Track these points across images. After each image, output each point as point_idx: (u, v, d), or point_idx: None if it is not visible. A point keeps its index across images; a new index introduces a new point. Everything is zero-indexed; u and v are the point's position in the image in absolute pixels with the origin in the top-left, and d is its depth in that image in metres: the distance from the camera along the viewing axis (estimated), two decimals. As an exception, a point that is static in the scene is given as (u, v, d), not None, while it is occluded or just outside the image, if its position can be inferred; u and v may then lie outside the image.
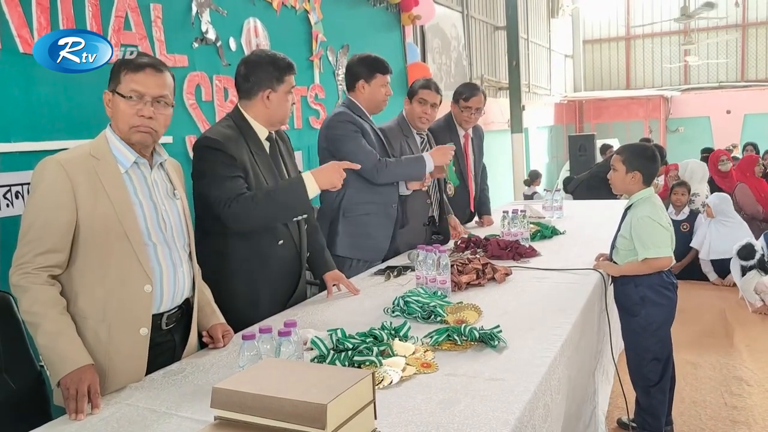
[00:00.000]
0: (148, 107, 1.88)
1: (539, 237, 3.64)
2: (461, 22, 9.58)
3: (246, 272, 2.45)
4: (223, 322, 2.21)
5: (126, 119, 1.88)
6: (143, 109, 1.87)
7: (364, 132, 3.12)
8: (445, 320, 2.21)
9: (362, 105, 3.20)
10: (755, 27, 17.35)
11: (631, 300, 2.92)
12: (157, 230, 1.95)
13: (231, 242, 2.43)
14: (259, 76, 2.42)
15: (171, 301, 2.00)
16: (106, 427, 1.58)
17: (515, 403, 1.57)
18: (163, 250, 1.97)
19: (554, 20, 16.16)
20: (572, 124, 17.77)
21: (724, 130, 16.24)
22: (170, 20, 3.34)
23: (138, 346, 1.90)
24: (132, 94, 1.87)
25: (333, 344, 1.94)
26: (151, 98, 1.89)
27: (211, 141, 2.35)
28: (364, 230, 3.17)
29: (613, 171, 2.99)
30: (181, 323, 2.08)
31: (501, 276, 2.77)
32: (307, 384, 1.18)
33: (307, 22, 4.62)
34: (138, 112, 1.87)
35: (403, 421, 1.50)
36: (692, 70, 18.10)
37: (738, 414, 3.58)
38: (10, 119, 2.59)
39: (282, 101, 2.45)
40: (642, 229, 2.82)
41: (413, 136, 3.59)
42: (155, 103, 1.90)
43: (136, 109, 1.87)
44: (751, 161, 7.56)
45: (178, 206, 2.06)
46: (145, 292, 1.90)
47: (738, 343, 4.74)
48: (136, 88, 1.87)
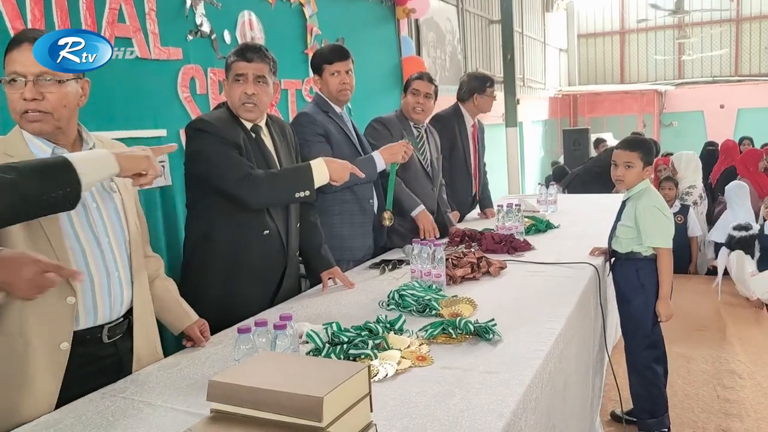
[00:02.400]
0: (30, 88, 1.63)
1: (534, 231, 3.65)
2: (456, 16, 9.56)
3: (228, 257, 2.47)
4: (196, 319, 2.11)
5: (12, 107, 1.67)
6: (25, 92, 1.64)
7: (328, 133, 3.05)
8: (440, 314, 2.22)
9: (327, 97, 3.16)
10: (749, 21, 17.38)
11: (631, 285, 3.00)
12: (86, 231, 1.73)
13: (218, 225, 2.47)
14: (225, 66, 2.53)
15: (109, 311, 1.78)
16: (101, 420, 1.57)
17: (510, 396, 1.58)
18: (94, 255, 1.74)
19: (549, 14, 16.15)
20: (567, 118, 17.77)
21: (718, 125, 16.27)
22: (164, 13, 3.31)
23: (57, 361, 1.68)
24: (12, 77, 1.64)
25: (328, 337, 1.94)
26: (33, 77, 1.63)
27: (206, 124, 2.42)
28: (339, 232, 3.08)
29: (628, 168, 2.97)
30: (130, 334, 1.88)
31: (496, 270, 2.78)
32: (303, 377, 1.18)
33: (301, 15, 4.59)
34: (21, 96, 1.64)
35: (398, 414, 1.50)
36: (686, 65, 18.13)
37: (730, 407, 3.60)
38: (4, 115, 2.57)
39: (231, 88, 2.49)
40: (649, 218, 2.90)
41: (411, 128, 3.60)
42: (40, 82, 1.65)
43: (18, 93, 1.64)
44: (755, 156, 7.50)
45: (115, 200, 1.84)
46: (68, 304, 1.68)
47: (731, 336, 4.77)
48: (14, 69, 1.64)
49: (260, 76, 2.46)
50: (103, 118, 2.79)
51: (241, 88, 2.45)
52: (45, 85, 1.65)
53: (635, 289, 2.99)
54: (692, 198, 6.97)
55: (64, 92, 1.69)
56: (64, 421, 1.58)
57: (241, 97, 2.45)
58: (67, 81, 1.70)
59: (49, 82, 1.66)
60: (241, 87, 2.45)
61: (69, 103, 1.71)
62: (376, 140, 3.40)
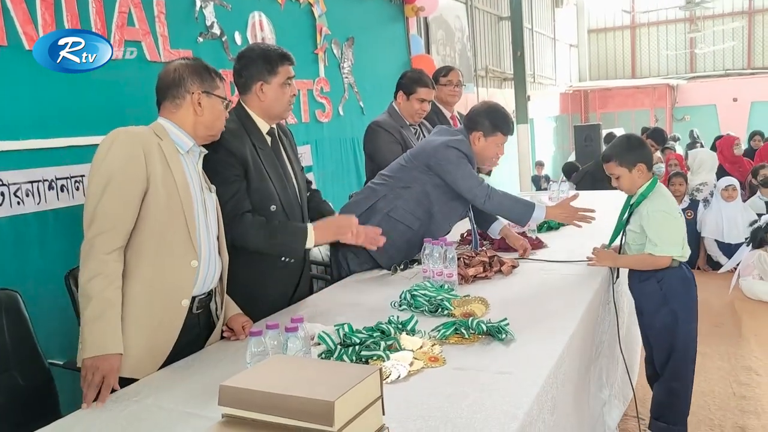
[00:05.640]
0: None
1: (546, 228, 3.62)
2: (465, 13, 9.53)
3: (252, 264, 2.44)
4: (240, 312, 2.24)
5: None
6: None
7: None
8: (453, 313, 2.21)
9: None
10: (762, 14, 17.23)
11: (652, 297, 2.80)
12: (202, 213, 2.05)
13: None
14: (251, 70, 2.45)
15: (203, 284, 2.07)
16: (114, 425, 1.58)
17: (523, 397, 1.57)
18: (204, 233, 2.06)
19: (558, 10, 16.09)
20: (578, 114, 17.70)
21: (731, 118, 16.16)
22: (174, 15, 3.32)
23: (177, 315, 1.99)
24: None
25: (340, 339, 1.94)
26: None
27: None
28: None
29: (617, 179, 2.81)
30: (206, 310, 2.14)
31: (508, 268, 2.76)
32: (314, 381, 1.18)
33: (311, 15, 4.60)
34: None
35: (411, 416, 1.50)
36: (698, 58, 18.01)
37: (747, 404, 3.57)
38: (17, 117, 2.59)
39: (277, 93, 2.46)
40: (655, 224, 2.70)
41: (408, 127, 3.62)
42: None
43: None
44: (729, 141, 7.88)
45: (214, 199, 2.17)
46: (192, 266, 2.00)
47: (746, 332, 4.73)
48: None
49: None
50: (113, 121, 2.79)
51: (291, 90, 2.50)
52: None
53: (656, 302, 2.79)
54: (702, 195, 6.95)
55: None
56: (78, 426, 1.59)
57: (291, 99, 2.52)
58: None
59: None
60: (291, 90, 2.49)
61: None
62: (377, 144, 3.49)
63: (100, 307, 1.79)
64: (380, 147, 3.51)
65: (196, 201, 2.03)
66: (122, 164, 1.86)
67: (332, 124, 4.83)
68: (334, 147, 4.89)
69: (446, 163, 2.90)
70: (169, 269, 1.96)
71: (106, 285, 1.81)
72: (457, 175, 2.90)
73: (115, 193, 1.84)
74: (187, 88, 2.04)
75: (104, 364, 1.75)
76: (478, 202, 2.94)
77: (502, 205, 2.96)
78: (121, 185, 1.85)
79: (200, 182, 2.09)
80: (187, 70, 2.06)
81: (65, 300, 2.28)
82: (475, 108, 3.08)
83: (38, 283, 2.55)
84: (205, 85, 2.06)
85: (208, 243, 2.07)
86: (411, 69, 4.15)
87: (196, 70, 2.07)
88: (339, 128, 4.93)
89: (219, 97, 2.10)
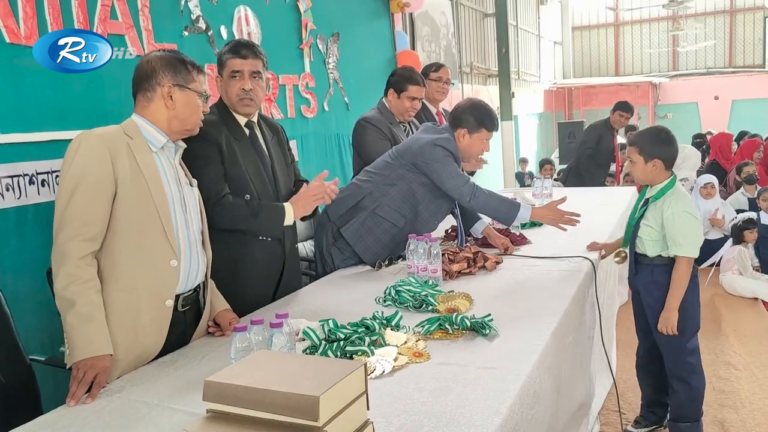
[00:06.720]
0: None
1: (529, 225, 3.64)
2: (450, 10, 9.54)
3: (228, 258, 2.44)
4: (228, 308, 2.24)
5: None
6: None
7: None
8: (437, 309, 2.22)
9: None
10: (743, 13, 17.39)
11: (662, 291, 2.80)
12: (180, 210, 2.04)
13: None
14: (218, 62, 2.58)
15: (186, 281, 2.06)
16: (97, 420, 1.57)
17: (506, 392, 1.58)
18: (183, 231, 2.04)
19: (543, 7, 16.13)
20: (561, 111, 17.78)
21: (713, 116, 16.31)
22: (158, 9, 3.29)
23: (162, 316, 1.99)
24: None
25: (325, 334, 1.94)
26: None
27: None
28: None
29: (632, 163, 2.84)
30: (193, 307, 2.14)
31: (492, 264, 2.78)
32: (299, 376, 1.18)
33: (296, 10, 4.58)
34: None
35: (395, 411, 1.50)
36: (680, 57, 18.15)
37: (726, 398, 3.62)
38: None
39: (227, 84, 2.52)
40: (680, 225, 2.70)
41: (398, 124, 3.62)
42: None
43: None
44: (727, 139, 8.15)
45: (195, 193, 2.15)
46: (171, 266, 1.99)
47: (725, 327, 4.79)
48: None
49: (255, 72, 2.51)
50: (96, 116, 2.76)
51: (239, 84, 2.48)
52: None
53: (665, 289, 2.79)
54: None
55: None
56: (61, 422, 1.58)
57: (239, 93, 2.49)
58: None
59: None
60: (239, 83, 2.48)
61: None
62: (366, 140, 3.48)
63: (84, 311, 1.78)
64: (368, 143, 3.50)
65: (172, 199, 2.01)
66: (88, 168, 1.84)
67: (317, 120, 4.82)
68: (319, 142, 4.88)
69: (432, 161, 2.91)
70: (149, 271, 1.94)
71: (86, 289, 1.80)
72: (443, 173, 2.91)
73: (83, 197, 1.83)
74: (158, 80, 2.00)
75: (99, 363, 1.75)
76: (464, 201, 2.96)
77: (488, 204, 2.97)
78: (88, 189, 1.83)
79: (177, 178, 2.07)
80: (160, 63, 2.02)
81: (46, 295, 2.25)
82: (460, 105, 3.09)
83: (18, 278, 2.52)
84: (178, 78, 2.02)
85: (188, 240, 2.06)
86: (402, 66, 4.13)
87: (170, 62, 2.03)
88: (324, 124, 4.91)
89: (194, 91, 2.06)
